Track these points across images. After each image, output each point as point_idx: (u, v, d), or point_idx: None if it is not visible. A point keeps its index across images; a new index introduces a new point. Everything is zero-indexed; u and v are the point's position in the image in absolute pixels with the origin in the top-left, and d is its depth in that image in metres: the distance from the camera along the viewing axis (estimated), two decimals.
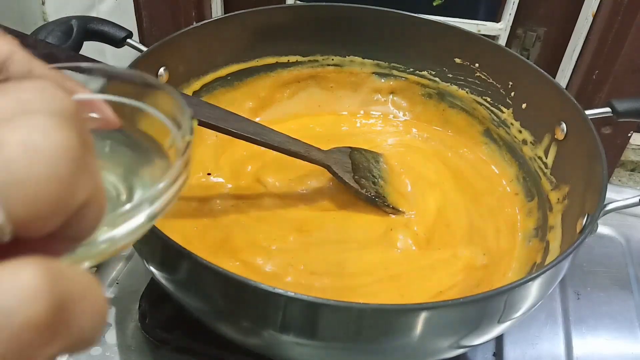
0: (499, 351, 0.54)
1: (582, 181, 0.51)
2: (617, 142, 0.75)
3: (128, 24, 0.62)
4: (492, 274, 0.53)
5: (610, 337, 0.57)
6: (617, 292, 0.61)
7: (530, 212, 0.59)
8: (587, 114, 0.52)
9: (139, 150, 0.26)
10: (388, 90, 0.70)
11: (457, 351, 0.44)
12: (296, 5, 0.74)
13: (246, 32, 0.63)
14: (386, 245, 0.54)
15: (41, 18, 0.58)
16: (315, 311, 0.37)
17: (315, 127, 0.68)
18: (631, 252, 0.65)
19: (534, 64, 0.59)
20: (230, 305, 0.40)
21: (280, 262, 0.51)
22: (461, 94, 0.66)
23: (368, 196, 0.57)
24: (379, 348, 0.39)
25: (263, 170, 0.60)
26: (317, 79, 0.69)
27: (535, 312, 0.53)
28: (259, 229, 0.54)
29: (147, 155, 0.26)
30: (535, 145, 0.60)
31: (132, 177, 0.25)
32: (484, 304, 0.39)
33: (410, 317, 0.37)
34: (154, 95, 0.25)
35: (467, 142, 0.67)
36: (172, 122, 0.25)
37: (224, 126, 0.49)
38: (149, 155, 0.26)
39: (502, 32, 0.75)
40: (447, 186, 0.62)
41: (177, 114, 0.25)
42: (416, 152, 0.66)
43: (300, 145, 0.55)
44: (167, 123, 0.25)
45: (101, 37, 0.55)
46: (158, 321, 0.52)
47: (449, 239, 0.56)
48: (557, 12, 0.75)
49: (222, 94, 0.65)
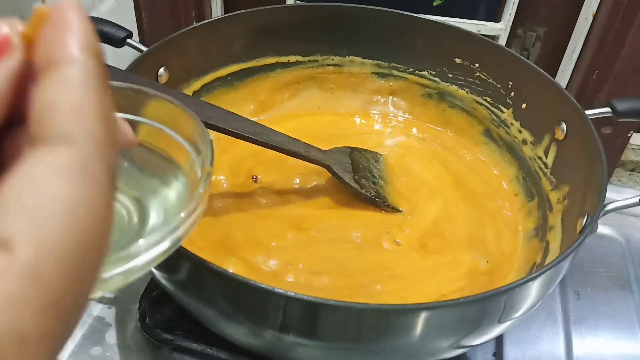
0: (499, 351, 0.54)
1: (582, 181, 0.51)
2: (617, 142, 0.75)
3: (128, 24, 0.62)
4: (496, 279, 0.53)
5: (610, 337, 0.57)
6: (617, 292, 0.61)
7: (530, 212, 0.59)
8: (587, 114, 0.52)
9: (153, 168, 0.26)
10: (388, 91, 0.70)
11: (457, 351, 0.44)
12: (296, 5, 0.74)
13: (246, 32, 0.63)
14: (386, 246, 0.54)
15: None
16: (316, 311, 0.37)
17: (315, 127, 0.68)
18: (631, 252, 0.65)
19: (534, 64, 0.59)
20: (230, 305, 0.40)
21: (279, 260, 0.51)
22: (461, 94, 0.66)
23: (368, 196, 0.57)
24: (379, 348, 0.39)
25: (263, 169, 0.60)
26: (317, 80, 0.69)
27: (535, 312, 0.53)
28: (258, 225, 0.54)
29: (162, 175, 0.26)
30: (535, 145, 0.60)
31: (145, 197, 0.25)
32: (484, 304, 0.39)
33: (410, 317, 0.37)
34: (174, 114, 0.25)
35: (467, 142, 0.67)
36: (192, 146, 0.25)
37: (224, 126, 0.49)
38: (164, 176, 0.26)
39: (502, 32, 0.75)
40: (446, 187, 0.62)
41: (196, 139, 0.25)
42: (416, 153, 0.66)
43: (300, 145, 0.55)
44: (187, 147, 0.25)
45: (101, 37, 0.55)
46: (158, 321, 0.52)
47: (449, 241, 0.56)
48: (557, 12, 0.75)
49: (222, 94, 0.65)
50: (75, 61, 0.17)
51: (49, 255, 0.14)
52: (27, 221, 0.14)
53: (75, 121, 0.16)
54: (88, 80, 0.17)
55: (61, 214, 0.15)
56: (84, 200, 0.15)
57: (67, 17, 0.17)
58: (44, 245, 0.14)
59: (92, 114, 0.16)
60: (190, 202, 0.22)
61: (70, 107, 0.16)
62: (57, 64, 0.17)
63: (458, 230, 0.57)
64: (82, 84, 0.16)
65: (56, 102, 0.16)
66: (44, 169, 0.15)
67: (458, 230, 0.57)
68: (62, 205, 0.15)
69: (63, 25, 0.17)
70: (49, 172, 0.15)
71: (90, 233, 0.15)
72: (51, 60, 0.17)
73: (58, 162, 0.15)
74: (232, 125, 0.50)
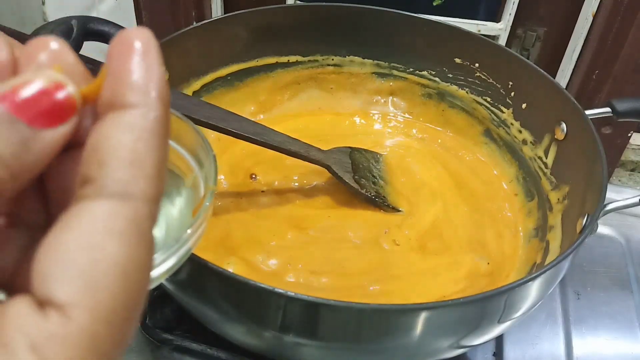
0: (499, 351, 0.54)
1: (582, 181, 0.51)
2: (617, 142, 0.75)
3: (128, 24, 0.62)
4: (497, 280, 0.53)
5: (610, 337, 0.57)
6: (617, 292, 0.61)
7: (530, 212, 0.59)
8: (587, 114, 0.52)
9: None
10: (388, 91, 0.70)
11: (457, 351, 0.44)
12: (296, 5, 0.74)
13: (246, 32, 0.63)
14: (385, 246, 0.54)
15: (41, 18, 0.58)
16: (316, 311, 0.37)
17: (315, 127, 0.68)
18: (631, 252, 0.65)
19: (534, 64, 0.59)
20: (230, 305, 0.40)
21: (279, 260, 0.51)
22: (461, 94, 0.66)
23: (368, 196, 0.57)
24: (379, 348, 0.39)
25: (262, 168, 0.60)
26: (317, 81, 0.69)
27: (535, 312, 0.53)
28: (258, 225, 0.54)
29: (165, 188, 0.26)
30: (535, 145, 0.60)
31: None
32: (484, 304, 0.39)
33: (410, 317, 0.37)
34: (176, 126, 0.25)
35: (467, 142, 0.67)
36: (194, 159, 0.25)
37: (224, 126, 0.49)
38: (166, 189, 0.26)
39: (502, 32, 0.75)
40: (446, 188, 0.62)
41: (199, 152, 0.25)
42: (416, 153, 0.66)
43: (300, 145, 0.55)
44: (190, 161, 0.25)
45: (101, 37, 0.55)
46: (158, 321, 0.52)
47: (449, 242, 0.56)
48: (557, 12, 0.75)
49: (222, 94, 0.65)
50: (147, 107, 0.16)
51: (103, 319, 0.14)
52: (84, 286, 0.14)
53: (133, 175, 0.15)
54: (154, 130, 0.16)
55: (115, 277, 0.15)
56: (136, 261, 0.15)
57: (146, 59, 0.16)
58: (99, 310, 0.14)
59: (151, 168, 0.16)
60: (196, 220, 0.22)
61: (131, 157, 0.15)
62: (125, 106, 0.16)
63: (458, 232, 0.57)
64: (148, 132, 0.16)
65: (117, 147, 0.15)
66: (100, 228, 0.15)
67: (458, 231, 0.57)
68: (116, 268, 0.15)
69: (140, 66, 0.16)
70: (105, 232, 0.15)
71: (138, 292, 0.15)
72: (120, 101, 0.16)
73: (114, 222, 0.15)
74: (232, 125, 0.50)
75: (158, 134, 0.16)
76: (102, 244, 0.15)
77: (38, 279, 0.14)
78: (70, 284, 0.14)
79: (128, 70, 0.16)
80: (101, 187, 0.15)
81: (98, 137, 0.16)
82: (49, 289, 0.14)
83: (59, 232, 0.15)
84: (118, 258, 0.15)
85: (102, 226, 0.15)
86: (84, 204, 0.15)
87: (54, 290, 0.14)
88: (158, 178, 0.16)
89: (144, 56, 0.16)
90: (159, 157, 0.16)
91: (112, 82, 0.16)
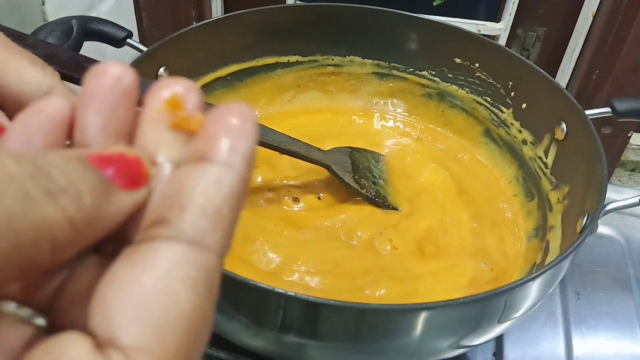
0: (499, 351, 0.54)
1: (582, 181, 0.51)
2: (617, 142, 0.75)
3: (128, 24, 0.62)
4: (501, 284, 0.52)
5: (610, 337, 0.57)
6: (617, 292, 0.61)
7: (530, 213, 0.59)
8: (587, 114, 0.52)
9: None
10: (388, 91, 0.70)
11: (457, 351, 0.44)
12: (296, 5, 0.74)
13: (246, 32, 0.63)
14: (384, 247, 0.54)
15: (41, 18, 0.58)
16: (316, 311, 0.37)
17: (315, 127, 0.68)
18: (631, 252, 0.65)
19: (534, 64, 0.59)
20: (230, 305, 0.40)
21: (276, 259, 0.51)
22: (461, 94, 0.66)
23: (368, 196, 0.57)
24: (379, 348, 0.39)
25: (261, 168, 0.60)
26: (317, 82, 0.69)
27: (535, 312, 0.53)
28: (255, 224, 0.54)
29: None
30: (535, 145, 0.60)
31: None
32: (484, 304, 0.39)
33: (410, 317, 0.37)
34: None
35: (467, 142, 0.67)
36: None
37: None
38: None
39: (502, 32, 0.75)
40: (446, 188, 0.61)
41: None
42: (416, 153, 0.66)
43: (300, 145, 0.55)
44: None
45: (101, 37, 0.55)
46: None
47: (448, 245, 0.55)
48: (557, 12, 0.75)
49: (222, 94, 0.65)
50: (235, 167, 0.16)
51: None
52: (153, 331, 0.14)
53: (212, 226, 0.15)
54: (238, 189, 0.16)
55: (183, 326, 0.14)
56: (202, 312, 0.15)
57: (241, 122, 0.17)
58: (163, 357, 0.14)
59: (228, 223, 0.16)
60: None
61: (213, 209, 0.16)
62: (215, 161, 0.16)
63: (458, 236, 0.56)
64: (231, 189, 0.16)
65: (201, 196, 0.16)
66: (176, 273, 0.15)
67: (458, 236, 0.56)
68: (185, 317, 0.15)
69: (236, 129, 0.16)
70: (180, 278, 0.15)
71: (200, 343, 0.15)
72: (212, 156, 0.16)
73: (189, 269, 0.15)
74: None
75: (239, 193, 0.16)
76: (176, 290, 0.14)
77: (101, 317, 0.14)
78: (139, 327, 0.14)
79: (226, 127, 0.16)
80: (178, 231, 0.15)
81: (183, 183, 0.16)
82: (114, 330, 0.14)
83: (131, 269, 0.15)
84: (187, 306, 0.15)
85: (178, 271, 0.15)
86: (159, 244, 0.15)
87: (120, 331, 0.14)
88: (231, 234, 0.16)
89: (242, 122, 0.17)
90: (236, 215, 0.16)
91: (207, 136, 0.17)
